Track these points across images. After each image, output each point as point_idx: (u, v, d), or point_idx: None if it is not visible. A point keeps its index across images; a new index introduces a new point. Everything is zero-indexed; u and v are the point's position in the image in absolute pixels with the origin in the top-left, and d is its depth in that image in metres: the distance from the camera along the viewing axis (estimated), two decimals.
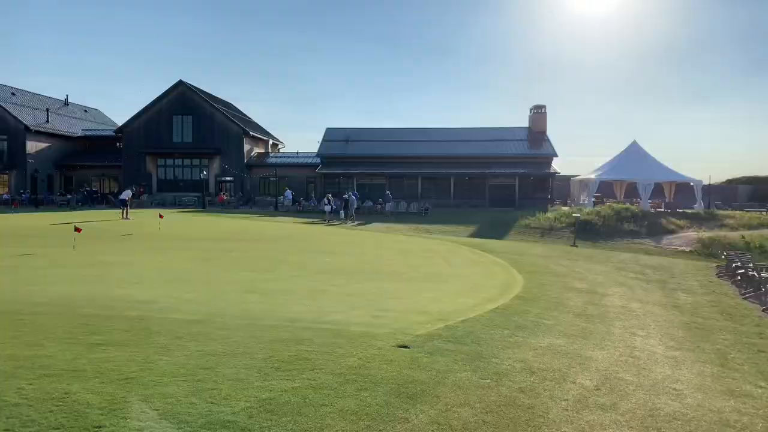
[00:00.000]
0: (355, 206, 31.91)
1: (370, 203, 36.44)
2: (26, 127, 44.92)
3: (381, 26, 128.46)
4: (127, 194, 29.15)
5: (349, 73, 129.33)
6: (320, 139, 45.63)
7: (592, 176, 35.74)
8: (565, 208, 33.67)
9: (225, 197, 42.07)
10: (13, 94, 49.37)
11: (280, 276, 11.02)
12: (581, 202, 35.29)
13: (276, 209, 36.68)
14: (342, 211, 31.11)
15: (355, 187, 39.57)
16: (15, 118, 45.15)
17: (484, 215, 30.95)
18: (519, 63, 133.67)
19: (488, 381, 5.08)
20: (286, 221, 28.34)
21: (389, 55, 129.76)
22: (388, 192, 35.99)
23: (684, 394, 5.39)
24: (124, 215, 27.81)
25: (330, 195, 32.80)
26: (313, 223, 27.90)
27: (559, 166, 40.85)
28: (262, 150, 48.87)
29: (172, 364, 4.95)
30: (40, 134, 46.37)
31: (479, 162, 40.86)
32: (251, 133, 45.80)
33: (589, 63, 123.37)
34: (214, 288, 9.27)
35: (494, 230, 25.35)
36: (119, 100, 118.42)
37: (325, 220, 29.05)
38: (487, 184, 39.96)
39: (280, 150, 53.39)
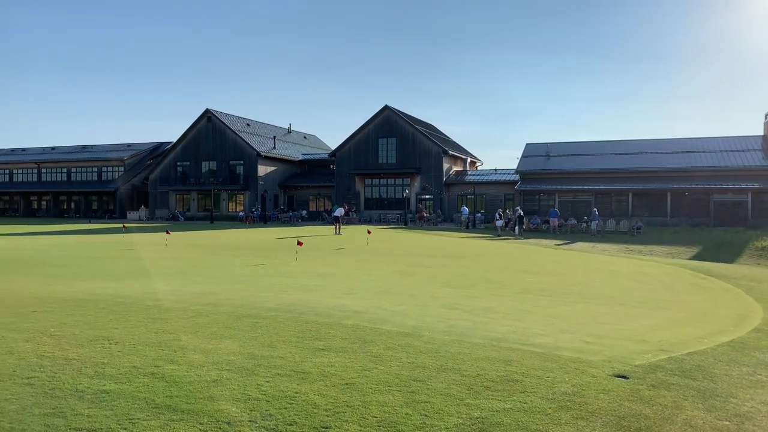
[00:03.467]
0: (524, 222, 32.45)
1: (573, 221, 34.75)
2: (258, 153, 51.21)
3: (578, 36, 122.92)
4: (339, 211, 32.19)
5: (547, 87, 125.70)
6: (519, 155, 44.89)
7: None
8: None
9: (425, 214, 43.35)
10: (248, 124, 56.64)
11: (481, 293, 10.99)
12: None
13: (468, 228, 36.86)
14: (516, 227, 31.18)
15: (556, 204, 38.16)
16: (249, 145, 51.71)
17: (707, 235, 27.64)
18: (744, 64, 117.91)
19: (727, 423, 4.46)
20: (467, 236, 28.27)
21: (586, 65, 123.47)
22: (595, 209, 34.06)
23: None
24: (337, 230, 30.27)
25: (501, 210, 33.97)
26: (485, 237, 27.42)
27: None
28: (460, 168, 49.57)
29: (386, 373, 5.18)
30: (268, 159, 52.49)
31: (701, 176, 36.70)
32: (450, 151, 46.76)
33: None
34: (419, 302, 9.55)
35: (721, 252, 22.45)
36: (333, 126, 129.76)
37: (497, 235, 30.00)
38: (712, 200, 35.67)
39: (478, 167, 53.62)
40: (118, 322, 7.25)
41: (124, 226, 34.96)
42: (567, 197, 39.40)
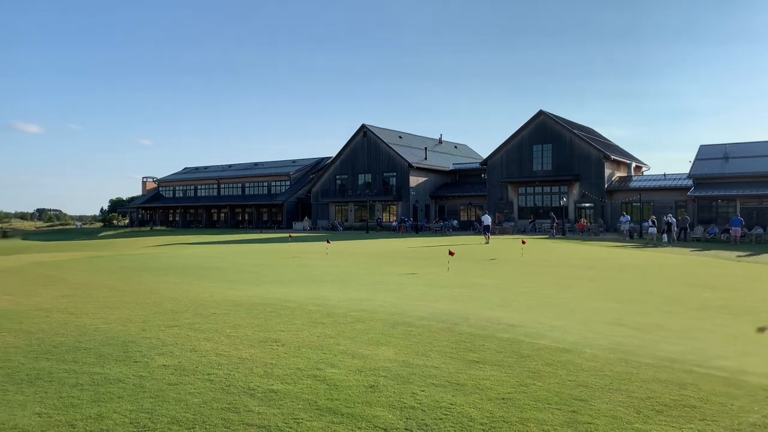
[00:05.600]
0: (676, 230, 30.46)
1: (760, 230, 30.92)
2: (409, 165, 52.30)
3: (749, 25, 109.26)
4: (487, 219, 31.94)
5: (720, 82, 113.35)
6: (692, 159, 41.00)
7: None
8: None
9: (585, 223, 41.21)
10: (400, 137, 58.14)
11: (649, 309, 10.13)
12: None
13: (632, 237, 34.28)
14: (665, 235, 28.55)
15: (738, 212, 34.22)
16: (401, 157, 53.01)
17: None
18: None
19: None
20: (631, 247, 26.12)
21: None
22: None
23: None
24: (486, 240, 30.00)
25: (654, 217, 32.31)
26: (634, 247, 25.03)
27: None
28: (623, 174, 46.45)
29: (544, 390, 4.95)
30: (419, 170, 53.40)
31: None
32: (612, 156, 44.02)
33: None
34: (579, 316, 9.04)
35: None
36: (483, 135, 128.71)
37: (650, 244, 28.34)
38: None
39: (644, 173, 49.84)
40: (284, 325, 7.77)
41: (290, 236, 37.62)
42: (751, 203, 35.11)
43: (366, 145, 55.22)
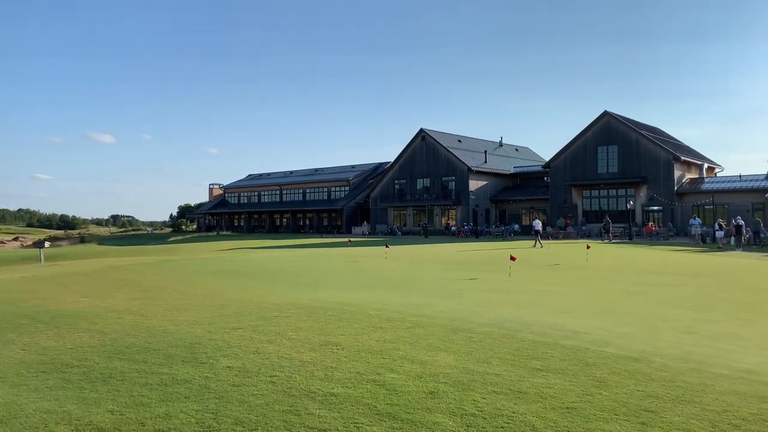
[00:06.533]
0: (747, 233, 29.10)
1: None
2: (469, 168, 51.85)
3: None
4: (538, 224, 32.19)
5: None
6: None
7: None
8: None
9: (653, 227, 39.69)
10: (459, 141, 57.75)
11: (724, 317, 9.61)
12: None
13: (704, 242, 32.64)
14: (733, 239, 27.15)
15: None
16: (461, 161, 52.64)
17: None
18: None
19: None
20: (702, 252, 24.81)
21: None
22: None
23: None
24: (538, 244, 29.60)
25: (720, 221, 31.36)
26: (705, 251, 23.67)
27: None
28: (694, 175, 44.46)
29: (611, 400, 4.77)
30: (479, 173, 52.85)
31: None
32: (681, 157, 42.21)
33: None
34: (648, 324, 8.68)
35: None
36: (546, 137, 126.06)
37: (717, 249, 27.50)
38: None
39: (717, 174, 47.53)
40: (344, 329, 7.82)
41: (349, 240, 38.00)
42: None
43: (424, 150, 55.13)
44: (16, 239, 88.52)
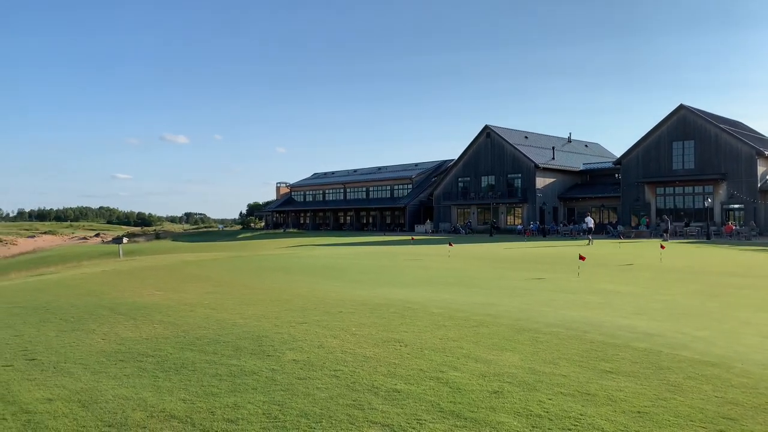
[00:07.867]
0: None
1: None
2: (536, 165, 50.74)
3: None
4: (589, 221, 32.12)
5: None
6: None
7: None
8: None
9: (733, 227, 37.59)
10: (526, 137, 56.61)
11: None
12: None
13: None
14: None
15: None
16: (527, 158, 51.59)
17: None
18: None
19: None
20: None
21: None
22: None
23: None
24: (589, 242, 29.13)
25: None
26: None
27: None
28: None
29: (686, 405, 4.54)
30: (546, 170, 51.62)
31: None
32: (766, 152, 39.76)
33: None
34: (728, 328, 8.21)
35: None
36: (617, 133, 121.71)
37: None
38: None
39: None
40: (407, 326, 7.82)
41: (412, 238, 38.01)
42: None
43: (489, 147, 54.37)
44: (97, 235, 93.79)
